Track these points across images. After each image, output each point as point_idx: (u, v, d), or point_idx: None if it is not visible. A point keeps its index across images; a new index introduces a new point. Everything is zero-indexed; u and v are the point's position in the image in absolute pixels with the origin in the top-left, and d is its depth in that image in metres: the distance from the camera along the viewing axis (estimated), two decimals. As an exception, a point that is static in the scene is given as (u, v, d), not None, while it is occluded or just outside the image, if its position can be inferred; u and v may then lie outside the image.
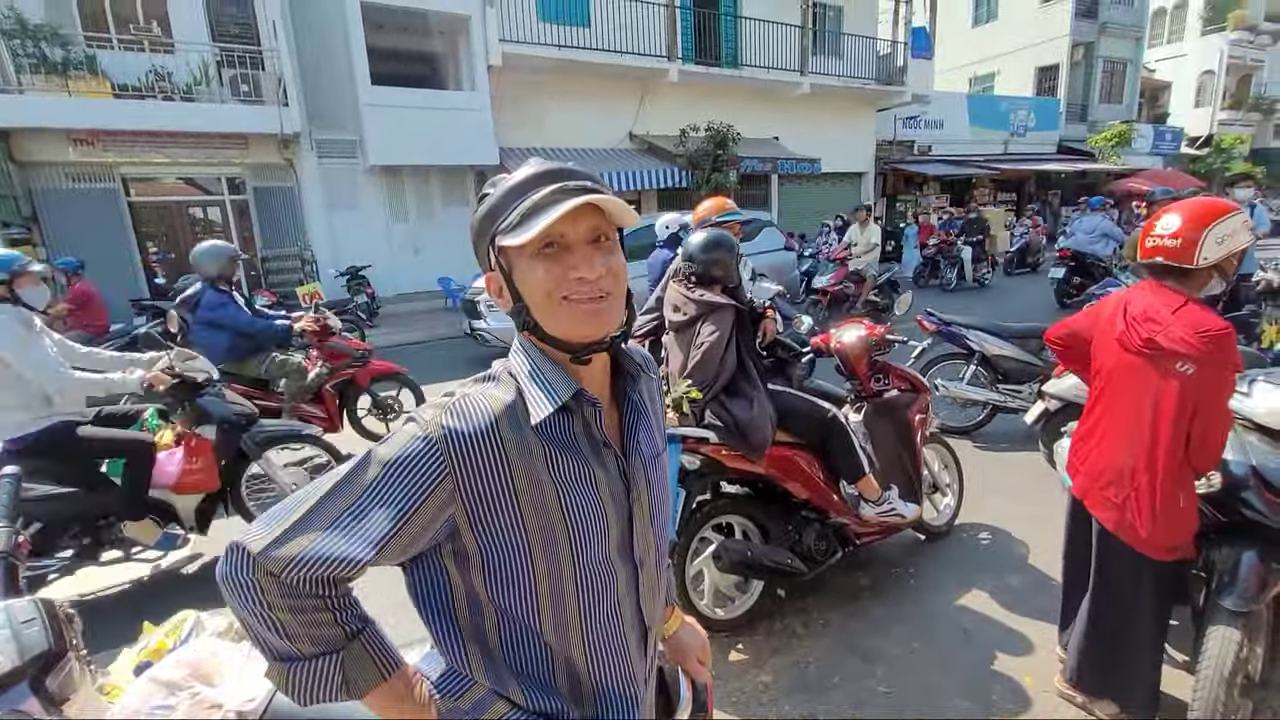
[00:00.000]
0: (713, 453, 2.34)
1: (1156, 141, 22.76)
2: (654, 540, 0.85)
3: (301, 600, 0.69)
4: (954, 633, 2.46)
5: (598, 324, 0.74)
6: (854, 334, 2.88)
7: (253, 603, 0.68)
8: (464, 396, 0.74)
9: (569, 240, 0.72)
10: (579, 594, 0.77)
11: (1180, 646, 2.23)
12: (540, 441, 0.74)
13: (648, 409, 0.88)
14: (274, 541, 0.68)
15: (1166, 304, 1.74)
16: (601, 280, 0.72)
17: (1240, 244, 1.71)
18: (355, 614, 0.75)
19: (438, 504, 0.69)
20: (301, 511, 0.69)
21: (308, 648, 0.71)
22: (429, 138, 10.43)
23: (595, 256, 0.72)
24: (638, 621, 0.84)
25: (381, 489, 0.68)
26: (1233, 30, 25.19)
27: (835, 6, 15.65)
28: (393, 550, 0.70)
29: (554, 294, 0.72)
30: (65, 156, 8.93)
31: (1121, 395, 1.84)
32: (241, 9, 9.92)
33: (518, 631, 0.77)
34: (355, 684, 0.73)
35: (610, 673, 0.82)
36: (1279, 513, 1.74)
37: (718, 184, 11.42)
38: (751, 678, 2.26)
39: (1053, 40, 21.36)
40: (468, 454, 0.69)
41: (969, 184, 19.37)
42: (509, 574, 0.74)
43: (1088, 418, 1.98)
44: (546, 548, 0.74)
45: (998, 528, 3.23)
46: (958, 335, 4.53)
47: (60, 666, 1.05)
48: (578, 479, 0.75)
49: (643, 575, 0.83)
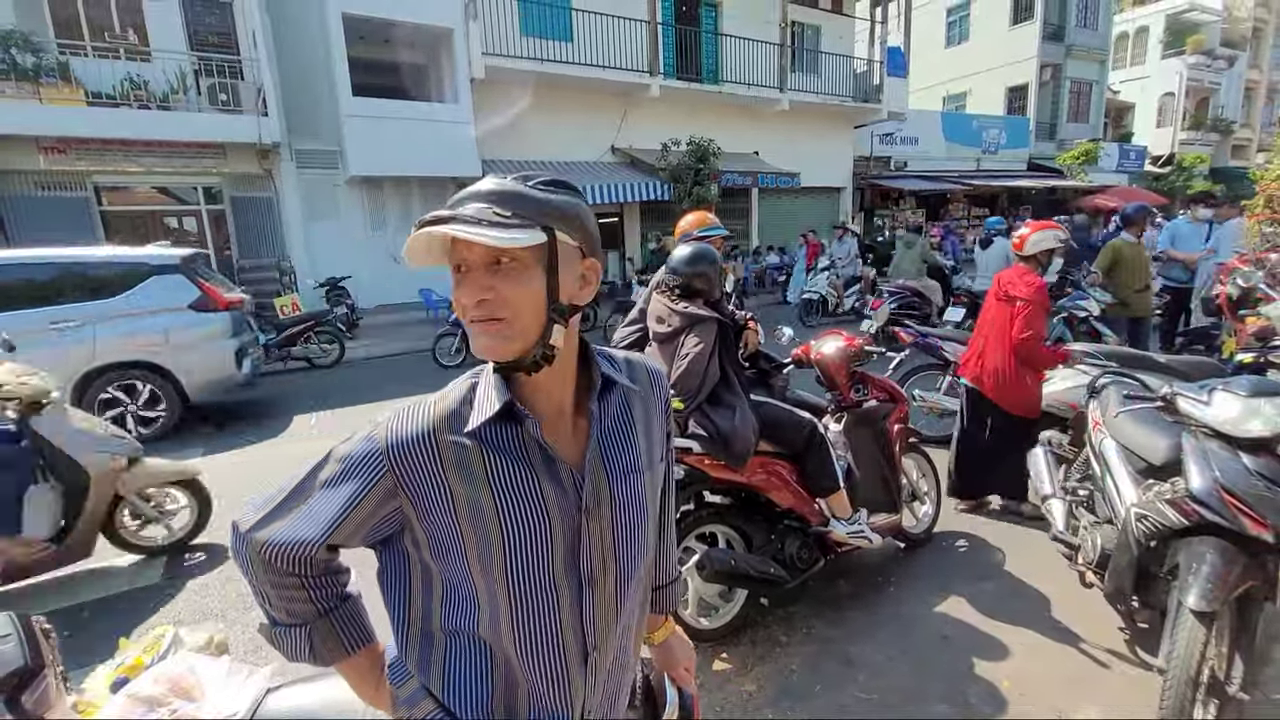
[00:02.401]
0: (696, 463, 2.36)
1: (1121, 160, 23.57)
2: (615, 558, 0.81)
3: (279, 576, 0.80)
4: (933, 638, 2.50)
5: (489, 347, 0.74)
6: (834, 345, 2.93)
7: (247, 573, 0.82)
8: (415, 403, 0.79)
9: (469, 263, 0.73)
10: (513, 604, 0.77)
11: (1149, 649, 2.30)
12: (480, 447, 0.75)
13: (633, 423, 0.86)
14: (255, 524, 0.79)
15: (1019, 274, 3.32)
16: (488, 305, 0.72)
17: (1045, 247, 3.30)
18: (331, 593, 0.84)
19: (379, 498, 0.75)
20: (277, 500, 0.79)
21: (283, 617, 0.83)
22: (411, 149, 10.40)
23: (482, 280, 0.72)
24: (579, 641, 0.80)
25: (333, 482, 0.76)
26: (1191, 54, 26.27)
27: (813, 25, 16.02)
28: (342, 534, 0.77)
29: (464, 316, 0.75)
30: (35, 165, 8.73)
31: (991, 324, 3.39)
32: (221, 18, 9.84)
33: (458, 622, 0.79)
34: (321, 654, 0.83)
35: (544, 686, 0.80)
36: (1239, 516, 1.81)
37: (699, 197, 11.55)
38: (736, 686, 2.27)
39: (1022, 61, 22.07)
40: (404, 456, 0.74)
41: (944, 199, 19.85)
42: (451, 571, 0.77)
43: (974, 343, 3.54)
44: (481, 554, 0.75)
45: (974, 535, 3.29)
46: (935, 346, 4.63)
47: (36, 683, 1.03)
48: (519, 489, 0.75)
49: (593, 595, 0.80)
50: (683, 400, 2.34)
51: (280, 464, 4.37)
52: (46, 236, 8.74)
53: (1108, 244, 5.32)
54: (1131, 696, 2.14)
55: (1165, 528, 1.98)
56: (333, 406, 6.33)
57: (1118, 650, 2.38)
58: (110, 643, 1.33)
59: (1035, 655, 2.37)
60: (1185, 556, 1.90)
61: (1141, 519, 2.05)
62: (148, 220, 10.06)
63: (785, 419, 2.56)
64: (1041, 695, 2.17)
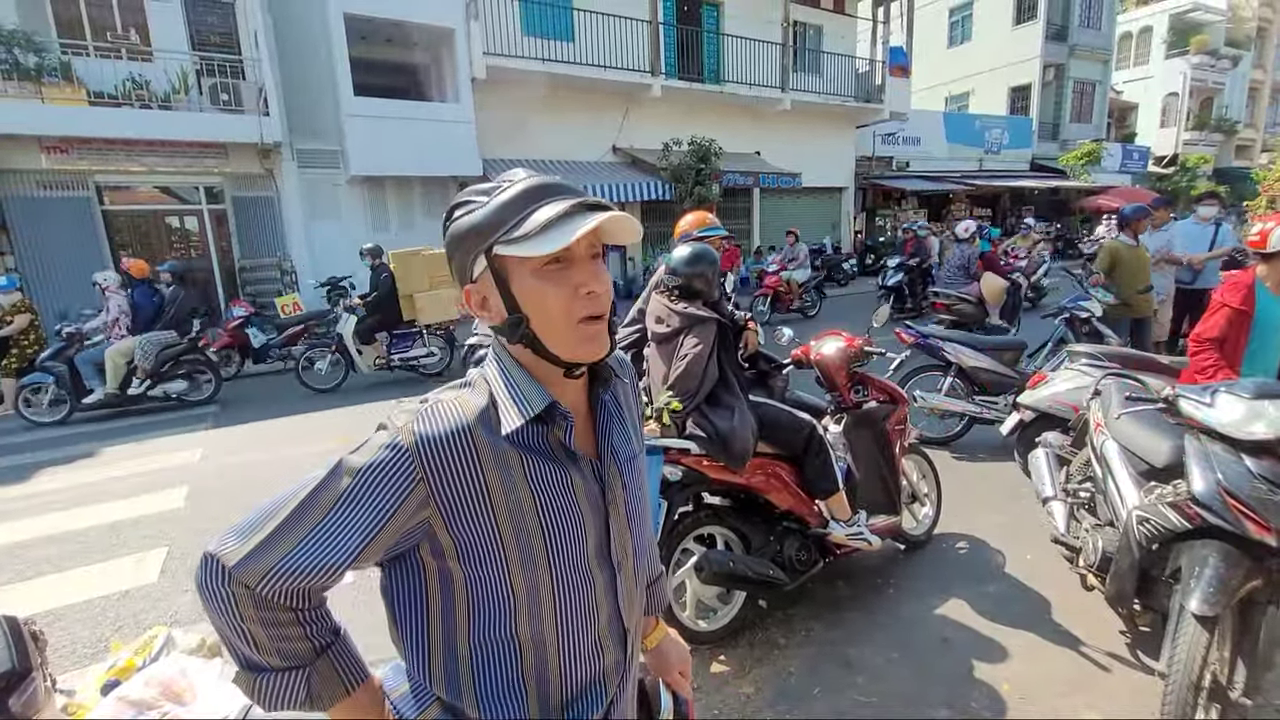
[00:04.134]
0: (694, 464, 2.35)
1: (1125, 160, 23.52)
2: (632, 542, 0.85)
3: (274, 613, 0.70)
4: (933, 641, 2.48)
5: (600, 346, 0.75)
6: (833, 346, 2.92)
7: (227, 613, 0.69)
8: (438, 402, 0.74)
9: (574, 255, 0.71)
10: (555, 596, 0.77)
11: (1150, 653, 2.28)
12: (514, 448, 0.74)
13: (623, 411, 0.89)
14: (249, 554, 0.68)
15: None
16: (604, 297, 0.73)
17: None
18: (325, 627, 0.76)
19: (410, 510, 0.69)
20: (276, 523, 0.69)
21: (276, 661, 0.72)
22: (412, 149, 10.41)
23: (600, 272, 0.73)
24: (617, 624, 0.84)
25: (353, 498, 0.68)
26: (1195, 54, 26.18)
27: (815, 25, 15.99)
28: (368, 557, 0.70)
29: (571, 315, 0.72)
30: (37, 164, 8.74)
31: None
32: (223, 18, 9.85)
33: (490, 630, 0.76)
34: (319, 698, 0.74)
35: (582, 678, 0.81)
36: (1241, 519, 1.79)
37: (700, 197, 11.55)
38: (734, 689, 2.25)
39: (1025, 61, 22.02)
40: (439, 459, 0.69)
41: (946, 199, 19.81)
42: (485, 573, 0.73)
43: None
44: (522, 551, 0.74)
45: (975, 537, 3.27)
46: (935, 347, 4.61)
47: (24, 686, 1.02)
48: (554, 485, 0.76)
49: (621, 578, 0.83)
50: (681, 401, 2.32)
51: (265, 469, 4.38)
52: (48, 236, 8.79)
53: (1105, 246, 5.29)
54: (1133, 700, 2.12)
55: (1167, 530, 1.96)
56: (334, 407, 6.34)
57: (1119, 654, 2.36)
58: (103, 644, 1.32)
59: (1036, 658, 2.35)
60: (1187, 560, 1.89)
61: (1143, 521, 2.03)
62: (149, 220, 10.08)
63: (784, 420, 2.54)
64: (1042, 698, 2.15)
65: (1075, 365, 3.57)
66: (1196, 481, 1.90)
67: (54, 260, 8.66)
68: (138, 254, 9.85)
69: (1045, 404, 3.54)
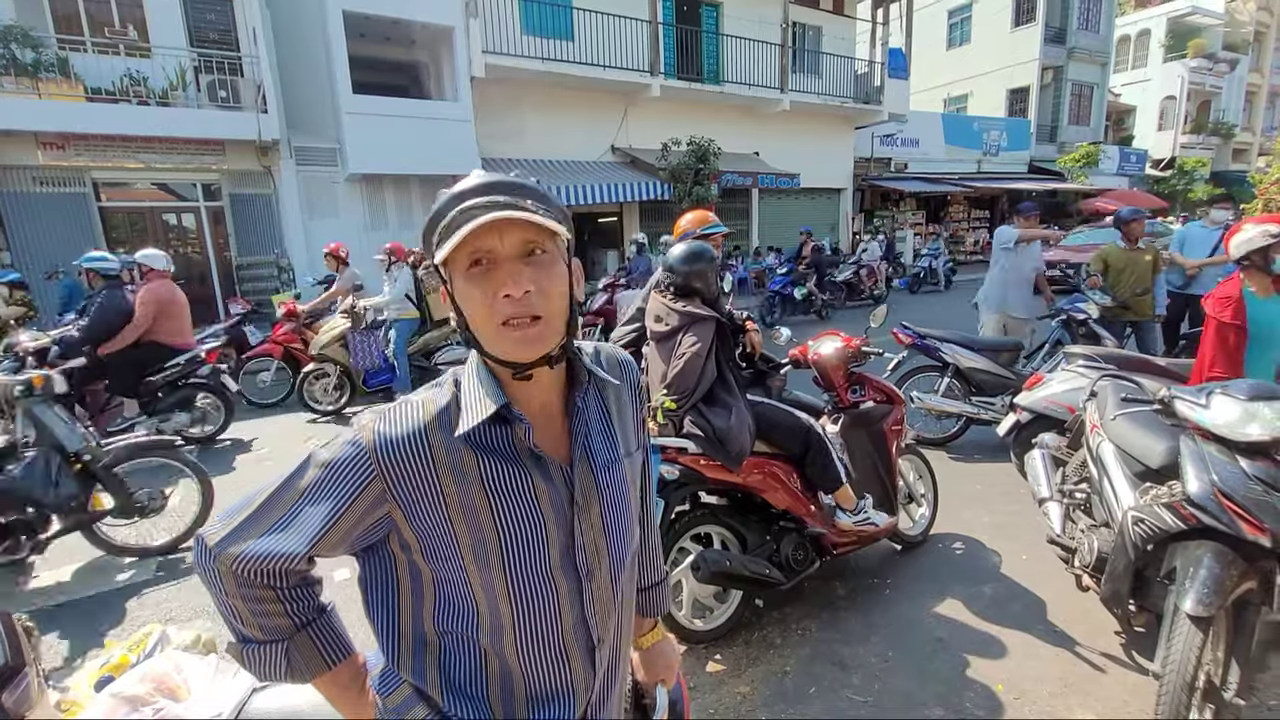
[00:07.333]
0: (691, 463, 2.35)
1: (1122, 163, 23.58)
2: (607, 550, 0.81)
3: (254, 590, 0.75)
4: (929, 641, 2.48)
5: (529, 350, 0.72)
6: (831, 346, 2.92)
7: (215, 590, 0.77)
8: (402, 403, 0.76)
9: (497, 256, 0.70)
10: (513, 602, 0.75)
11: (1145, 654, 2.29)
12: (472, 450, 0.73)
13: (607, 414, 0.86)
14: (226, 537, 0.74)
15: None
16: (529, 298, 0.70)
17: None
18: (307, 605, 0.80)
19: (367, 504, 0.72)
20: (250, 510, 0.75)
21: (258, 634, 0.78)
22: (411, 147, 10.38)
23: (523, 272, 0.70)
24: (582, 635, 0.80)
25: (315, 490, 0.73)
26: (1192, 58, 26.25)
27: (814, 26, 16.00)
28: (327, 545, 0.73)
29: (492, 318, 0.71)
30: (33, 160, 8.71)
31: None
32: (221, 15, 9.81)
33: (452, 624, 0.77)
34: (299, 671, 0.79)
35: (547, 685, 0.80)
36: (1236, 520, 1.80)
37: (699, 197, 11.54)
38: (729, 688, 2.25)
39: (1023, 63, 22.06)
40: (394, 458, 0.71)
41: (945, 201, 19.84)
42: (447, 572, 0.75)
43: None
44: (477, 555, 0.73)
45: (971, 537, 3.28)
46: (932, 348, 4.61)
47: (17, 682, 1.02)
48: (513, 488, 0.74)
49: (590, 587, 0.80)
50: (678, 399, 2.32)
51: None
52: (44, 232, 8.75)
53: (1097, 249, 5.32)
54: (1127, 701, 2.13)
55: (1162, 531, 1.97)
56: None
57: (1114, 654, 2.37)
58: (97, 641, 1.31)
59: (1031, 659, 2.36)
60: (1182, 561, 1.89)
61: (1138, 522, 2.03)
62: (147, 217, 10.04)
63: (782, 420, 2.55)
64: (1037, 699, 2.15)
65: (1072, 367, 3.58)
66: (1191, 483, 1.91)
67: (50, 257, 8.61)
68: (133, 251, 9.83)
69: (1042, 405, 3.55)
